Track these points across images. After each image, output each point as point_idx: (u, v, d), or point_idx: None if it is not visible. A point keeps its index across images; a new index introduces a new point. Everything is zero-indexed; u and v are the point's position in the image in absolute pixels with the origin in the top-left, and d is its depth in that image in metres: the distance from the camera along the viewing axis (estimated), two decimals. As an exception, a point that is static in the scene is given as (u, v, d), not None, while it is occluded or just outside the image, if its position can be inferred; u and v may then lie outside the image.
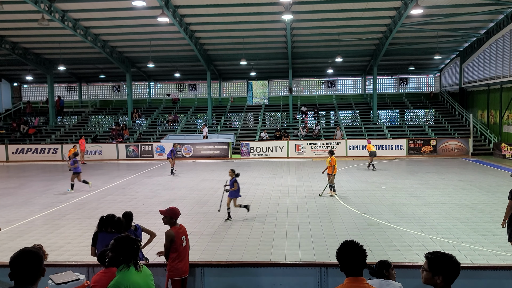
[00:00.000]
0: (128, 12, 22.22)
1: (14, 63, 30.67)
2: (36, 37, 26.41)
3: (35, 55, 29.56)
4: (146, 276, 3.65)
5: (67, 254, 8.99)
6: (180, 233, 5.45)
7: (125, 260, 3.46)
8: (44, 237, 10.30)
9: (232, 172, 12.08)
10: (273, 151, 27.22)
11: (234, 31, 25.49)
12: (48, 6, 20.81)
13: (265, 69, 33.25)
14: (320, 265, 5.17)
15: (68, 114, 34.67)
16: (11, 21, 23.55)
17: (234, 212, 12.19)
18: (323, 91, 36.67)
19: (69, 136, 30.22)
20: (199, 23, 24.31)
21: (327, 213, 12.20)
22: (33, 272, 2.67)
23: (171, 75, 34.05)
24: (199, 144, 27.51)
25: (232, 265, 5.52)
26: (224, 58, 30.83)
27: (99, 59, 29.92)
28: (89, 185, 16.76)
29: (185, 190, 16.20)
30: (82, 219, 12.12)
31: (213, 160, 26.13)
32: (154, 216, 11.85)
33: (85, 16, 23.23)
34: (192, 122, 33.13)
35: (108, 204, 13.91)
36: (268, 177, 19.10)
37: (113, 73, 33.40)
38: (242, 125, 32.71)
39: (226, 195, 11.97)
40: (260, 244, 9.35)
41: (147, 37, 26.21)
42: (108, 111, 34.81)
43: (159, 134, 30.30)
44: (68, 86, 37.13)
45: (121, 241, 3.53)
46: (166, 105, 35.62)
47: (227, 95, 36.96)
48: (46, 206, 13.83)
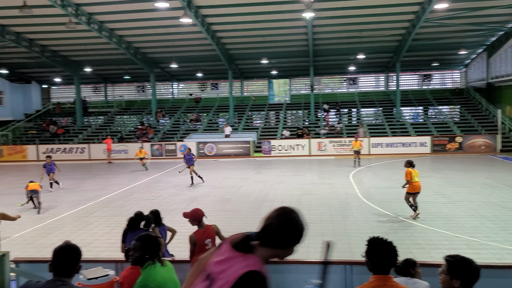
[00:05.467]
0: (152, 13, 22.59)
1: (43, 65, 31.60)
2: (63, 39, 27.16)
3: (63, 57, 30.40)
4: (171, 270, 3.76)
5: (95, 250, 9.27)
6: (204, 236, 5.49)
7: (150, 257, 3.57)
8: (74, 233, 10.63)
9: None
10: (294, 149, 27.22)
11: (255, 30, 25.58)
12: (75, 10, 21.39)
13: (286, 67, 33.24)
14: (345, 263, 5.19)
15: (94, 114, 35.49)
16: (40, 24, 24.29)
17: (257, 209, 12.31)
18: (345, 89, 36.39)
19: (95, 136, 30.96)
20: (221, 22, 24.51)
21: (350, 211, 12.17)
22: (72, 266, 2.83)
23: (194, 74, 34.43)
24: (222, 143, 27.76)
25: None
26: (246, 57, 30.97)
27: (124, 60, 30.51)
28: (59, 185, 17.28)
29: (208, 188, 16.42)
30: (109, 216, 12.46)
31: (235, 159, 26.31)
32: (179, 214, 12.05)
33: (110, 18, 23.76)
34: (214, 121, 33.43)
35: (134, 202, 14.23)
36: (290, 175, 19.14)
37: (137, 73, 34.00)
38: (263, 123, 32.80)
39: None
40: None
41: (170, 37, 26.59)
42: (133, 111, 35.47)
43: (182, 133, 30.70)
44: (94, 87, 38.01)
45: (144, 240, 3.65)
46: (189, 105, 36.03)
47: (248, 94, 37.12)
48: (75, 204, 14.26)
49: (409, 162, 11.31)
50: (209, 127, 31.96)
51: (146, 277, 3.47)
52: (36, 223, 11.84)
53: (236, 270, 1.99)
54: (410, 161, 11.37)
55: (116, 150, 27.75)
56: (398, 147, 26.34)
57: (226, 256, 2.10)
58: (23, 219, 12.25)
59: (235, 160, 25.96)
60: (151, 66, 31.42)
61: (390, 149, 26.25)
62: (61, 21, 22.64)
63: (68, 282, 2.84)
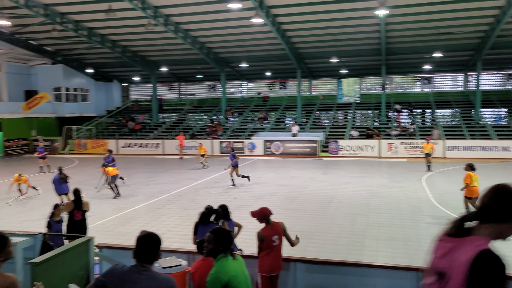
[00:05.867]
0: (224, 14, 23.26)
1: (124, 65, 33.77)
2: (142, 40, 28.84)
3: (141, 57, 32.28)
4: (242, 264, 3.84)
5: (168, 241, 9.78)
6: (272, 233, 5.57)
7: (223, 250, 3.66)
8: (148, 224, 11.30)
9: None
10: (363, 150, 26.56)
11: (325, 28, 25.32)
12: (154, 12, 22.65)
13: (356, 66, 32.49)
14: (418, 269, 5.04)
15: (169, 111, 37.23)
16: (122, 26, 26.00)
17: (323, 210, 12.24)
18: (419, 88, 34.77)
19: (169, 132, 32.49)
20: (291, 22, 24.58)
21: (422, 216, 11.69)
22: (154, 253, 3.08)
23: (262, 74, 34.85)
24: (288, 142, 27.84)
25: (323, 262, 5.60)
26: (315, 56, 30.75)
27: (197, 60, 31.68)
28: (123, 180, 17.46)
29: (274, 186, 16.59)
30: (181, 209, 13.06)
31: (302, 158, 26.27)
32: (245, 210, 12.34)
33: (185, 20, 24.82)
34: (281, 120, 33.60)
35: (204, 196, 14.78)
36: (358, 177, 18.74)
37: (209, 73, 35.13)
38: (331, 123, 32.38)
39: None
40: (350, 244, 9.31)
41: (241, 37, 27.16)
42: (204, 109, 36.72)
43: (250, 131, 31.23)
44: (169, 86, 39.90)
45: (217, 232, 3.77)
46: (257, 103, 36.54)
47: (317, 93, 36.82)
48: (149, 196, 15.12)
49: (470, 165, 10.99)
50: (277, 126, 32.19)
51: (219, 269, 3.56)
52: (115, 213, 12.75)
53: (465, 254, 1.95)
54: (470, 164, 11.05)
55: (188, 146, 28.91)
56: (477, 151, 24.70)
57: (448, 248, 2.08)
58: (104, 208, 13.29)
59: (301, 159, 25.93)
60: (222, 65, 32.31)
61: (468, 153, 24.66)
62: (141, 23, 24.07)
63: (150, 268, 3.09)
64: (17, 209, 13.48)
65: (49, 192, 14.55)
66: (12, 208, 13.67)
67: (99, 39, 27.88)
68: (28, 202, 14.46)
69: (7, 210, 13.42)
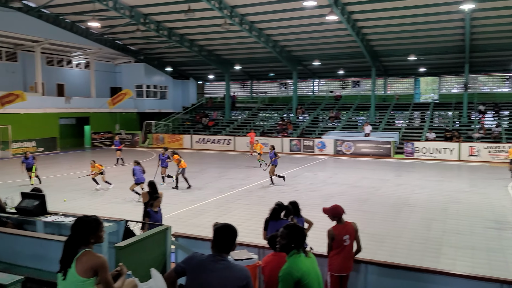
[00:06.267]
0: (298, 12, 23.25)
1: (200, 63, 35.10)
2: (218, 39, 29.76)
3: (217, 56, 33.31)
4: (314, 262, 3.82)
5: (238, 235, 10.04)
6: (343, 232, 5.50)
7: (296, 246, 3.68)
8: (220, 217, 11.66)
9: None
10: (441, 152, 25.13)
11: (403, 25, 24.31)
12: (230, 11, 23.29)
13: (435, 64, 30.80)
14: (502, 281, 4.72)
15: (241, 109, 38.04)
16: (200, 26, 27.05)
17: (396, 213, 11.82)
18: (507, 88, 32.12)
19: (240, 129, 33.19)
20: (367, 19, 23.92)
21: (508, 226, 10.84)
22: (230, 244, 3.22)
23: (335, 72, 34.31)
24: (360, 142, 27.16)
25: (397, 266, 5.41)
26: (391, 53, 29.65)
27: (269, 58, 32.00)
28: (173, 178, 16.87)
29: (344, 187, 16.30)
30: (251, 205, 13.31)
31: (374, 159, 25.49)
32: (315, 209, 12.28)
33: (260, 19, 25.19)
34: (353, 119, 32.85)
35: (273, 193, 14.92)
36: (435, 180, 17.80)
37: (280, 71, 35.32)
38: (407, 123, 31.03)
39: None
40: (425, 250, 8.91)
41: (314, 35, 26.96)
42: (274, 107, 37.00)
43: (320, 130, 30.93)
44: (241, 84, 40.74)
45: (291, 228, 3.78)
46: (329, 102, 36.05)
47: (392, 92, 35.48)
48: (220, 190, 15.59)
49: None
50: (348, 125, 31.54)
51: (291, 265, 3.58)
52: (189, 205, 13.32)
53: None
54: None
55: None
56: None
57: None
58: (180, 200, 13.95)
59: (373, 160, 25.17)
60: (295, 63, 32.31)
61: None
62: (217, 23, 24.85)
63: (226, 258, 3.23)
64: (99, 198, 14.59)
65: (122, 183, 15.56)
66: (93, 197, 14.81)
67: (178, 39, 29.25)
68: (103, 194, 15.57)
69: (93, 198, 14.57)
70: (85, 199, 14.11)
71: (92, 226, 3.46)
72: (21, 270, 5.09)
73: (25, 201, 7.01)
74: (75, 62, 33.79)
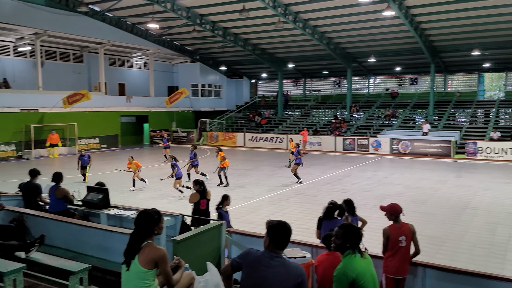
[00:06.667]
0: (354, 8, 22.81)
1: (253, 62, 35.42)
2: (271, 38, 29.88)
3: (270, 54, 33.46)
4: (370, 263, 3.78)
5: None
6: (399, 232, 5.35)
7: (351, 246, 3.66)
8: (272, 215, 11.73)
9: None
10: (507, 153, 23.61)
11: (466, 18, 23.08)
12: (284, 10, 23.31)
13: (502, 59, 28.93)
14: None
15: (293, 107, 37.94)
16: (254, 25, 27.32)
17: (456, 216, 11.29)
18: None
19: (293, 127, 33.12)
20: (426, 13, 22.97)
21: None
22: (285, 241, 3.27)
23: (391, 69, 33.25)
24: (418, 141, 26.16)
25: (458, 271, 5.18)
26: (452, 49, 28.26)
27: (323, 56, 31.64)
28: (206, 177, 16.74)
29: (401, 187, 15.81)
30: (303, 203, 13.28)
31: (432, 159, 24.46)
32: (369, 209, 12.03)
33: (313, 16, 24.99)
34: (411, 118, 31.66)
35: (326, 192, 14.78)
36: (500, 182, 16.77)
37: (334, 68, 34.80)
38: (469, 122, 29.44)
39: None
40: (489, 256, 8.46)
41: (369, 32, 26.32)
42: (328, 105, 36.53)
43: (375, 128, 30.14)
44: (294, 82, 40.60)
45: (347, 228, 3.75)
46: (384, 100, 35.02)
47: (452, 89, 33.80)
48: (273, 188, 15.68)
49: None
50: (405, 124, 30.47)
51: (346, 265, 3.57)
52: (242, 202, 13.52)
53: None
54: None
55: (311, 142, 29.13)
56: None
57: None
58: (233, 197, 14.12)
59: (432, 160, 24.16)
60: (349, 61, 31.71)
61: None
62: (270, 21, 24.95)
63: (281, 255, 3.28)
64: (150, 193, 15.19)
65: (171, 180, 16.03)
66: (147, 192, 15.42)
67: (232, 38, 29.72)
68: (155, 189, 16.14)
69: (146, 193, 15.19)
70: (141, 194, 14.74)
71: (155, 218, 3.65)
72: (88, 259, 5.42)
73: (90, 194, 7.48)
74: (135, 63, 35.36)
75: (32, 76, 26.85)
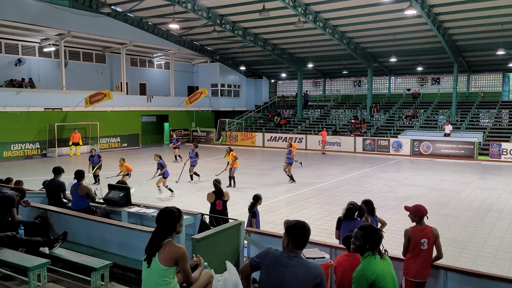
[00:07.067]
0: (375, 7, 22.56)
1: (273, 62, 35.39)
2: (291, 38, 29.80)
3: (289, 54, 33.38)
4: (390, 265, 3.73)
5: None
6: (421, 234, 5.26)
7: (370, 248, 3.62)
8: (291, 215, 11.70)
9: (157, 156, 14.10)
10: (534, 155, 22.99)
11: (490, 17, 22.56)
12: (304, 9, 23.22)
13: (529, 58, 28.18)
14: None
15: (313, 107, 37.75)
16: (273, 25, 27.30)
17: (480, 219, 11.05)
18: None
19: (312, 127, 32.95)
20: (449, 12, 22.54)
21: None
22: (304, 241, 3.27)
23: (413, 69, 32.72)
24: (440, 142, 25.69)
25: (481, 275, 5.05)
26: (476, 48, 27.65)
27: (343, 55, 31.39)
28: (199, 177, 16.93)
29: (422, 189, 15.57)
30: (322, 204, 13.21)
31: (455, 160, 23.99)
32: (390, 211, 11.91)
33: (334, 16, 24.81)
34: (432, 118, 31.12)
35: (345, 193, 14.66)
36: (526, 186, 16.34)
37: (355, 68, 34.48)
38: (493, 123, 28.75)
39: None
40: (513, 260, 8.25)
41: (390, 31, 25.99)
42: (348, 105, 36.22)
43: (396, 129, 29.74)
44: (314, 82, 40.38)
45: (367, 229, 3.70)
46: (406, 100, 34.51)
47: (476, 90, 33.06)
48: (291, 188, 15.65)
49: None
50: (426, 125, 29.97)
51: (366, 267, 3.54)
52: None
53: None
54: None
55: (330, 142, 28.94)
56: None
57: None
58: (251, 196, 14.18)
59: (454, 161, 23.69)
60: (370, 60, 31.38)
61: None
62: (290, 21, 24.89)
63: (300, 255, 3.28)
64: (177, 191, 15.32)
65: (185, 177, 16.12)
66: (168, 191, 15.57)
67: (252, 38, 29.78)
68: (179, 187, 16.27)
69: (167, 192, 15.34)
70: (163, 192, 14.91)
71: (176, 216, 3.71)
72: (109, 256, 5.52)
73: (112, 192, 7.62)
74: (156, 63, 35.76)
75: (56, 76, 27.47)
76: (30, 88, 25.75)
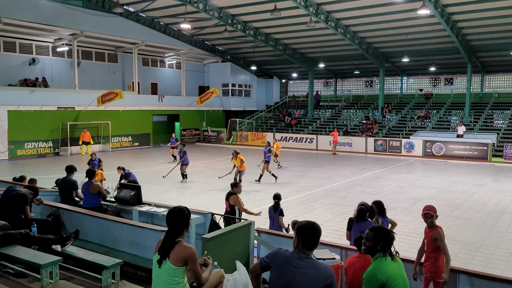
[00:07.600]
0: (387, 7, 22.40)
1: (284, 62, 35.34)
2: (302, 38, 29.73)
3: (301, 54, 33.30)
4: (401, 267, 3.69)
5: (320, 234, 9.97)
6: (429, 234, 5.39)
7: (381, 249, 3.59)
8: (301, 216, 11.63)
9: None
10: (549, 157, 22.60)
11: (504, 17, 22.24)
12: (315, 9, 23.15)
13: (545, 59, 27.72)
14: None
15: (324, 107, 37.60)
16: (285, 25, 27.26)
17: (493, 221, 10.90)
18: None
19: (323, 128, 32.83)
20: (463, 11, 22.28)
21: None
22: (315, 241, 3.25)
23: (426, 69, 32.41)
24: (453, 143, 25.39)
25: (494, 278, 4.99)
26: (490, 48, 27.28)
27: (355, 55, 31.22)
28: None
29: (434, 190, 15.40)
30: (333, 205, 13.14)
31: (468, 162, 23.69)
32: (401, 212, 11.80)
33: (346, 15, 24.68)
34: (445, 119, 30.78)
35: (356, 194, 14.56)
36: (541, 188, 16.06)
37: (366, 68, 34.26)
38: (507, 124, 28.33)
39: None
40: (527, 264, 8.12)
41: (403, 31, 25.78)
42: (359, 106, 36.00)
43: (408, 130, 29.48)
44: (325, 82, 40.22)
45: (378, 231, 3.67)
46: (418, 101, 34.19)
47: (490, 90, 32.61)
48: (302, 189, 15.59)
49: None
50: (439, 125, 29.66)
51: (376, 268, 3.51)
52: (271, 202, 13.45)
53: None
54: None
55: (341, 142, 28.79)
56: None
57: None
58: (262, 197, 14.19)
59: (467, 163, 23.40)
60: (382, 61, 31.16)
61: None
62: (302, 21, 24.84)
63: (310, 255, 3.26)
64: (187, 191, 15.38)
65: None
66: (180, 190, 15.63)
67: (263, 38, 29.77)
68: (190, 187, 16.34)
69: (179, 190, 15.41)
70: (173, 191, 14.98)
71: (186, 215, 3.73)
72: (120, 255, 5.55)
73: (123, 191, 7.66)
74: (168, 62, 35.95)
75: (69, 75, 27.78)
76: (43, 88, 26.08)
